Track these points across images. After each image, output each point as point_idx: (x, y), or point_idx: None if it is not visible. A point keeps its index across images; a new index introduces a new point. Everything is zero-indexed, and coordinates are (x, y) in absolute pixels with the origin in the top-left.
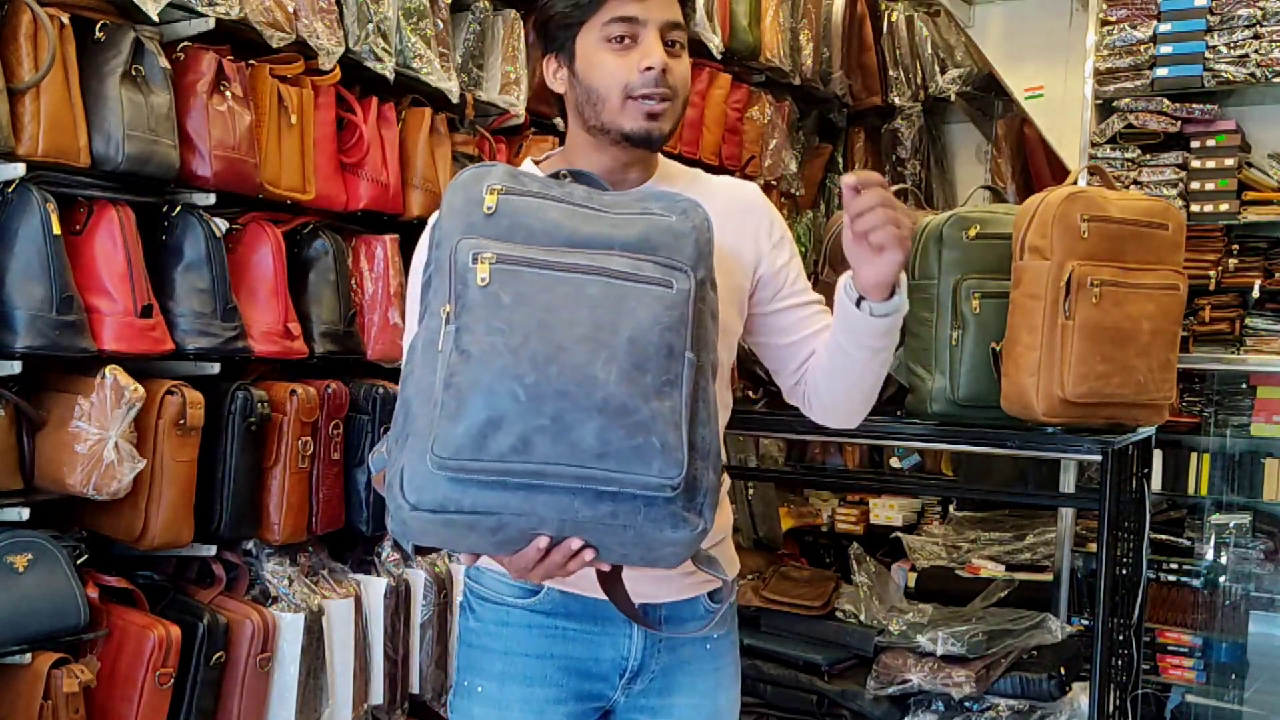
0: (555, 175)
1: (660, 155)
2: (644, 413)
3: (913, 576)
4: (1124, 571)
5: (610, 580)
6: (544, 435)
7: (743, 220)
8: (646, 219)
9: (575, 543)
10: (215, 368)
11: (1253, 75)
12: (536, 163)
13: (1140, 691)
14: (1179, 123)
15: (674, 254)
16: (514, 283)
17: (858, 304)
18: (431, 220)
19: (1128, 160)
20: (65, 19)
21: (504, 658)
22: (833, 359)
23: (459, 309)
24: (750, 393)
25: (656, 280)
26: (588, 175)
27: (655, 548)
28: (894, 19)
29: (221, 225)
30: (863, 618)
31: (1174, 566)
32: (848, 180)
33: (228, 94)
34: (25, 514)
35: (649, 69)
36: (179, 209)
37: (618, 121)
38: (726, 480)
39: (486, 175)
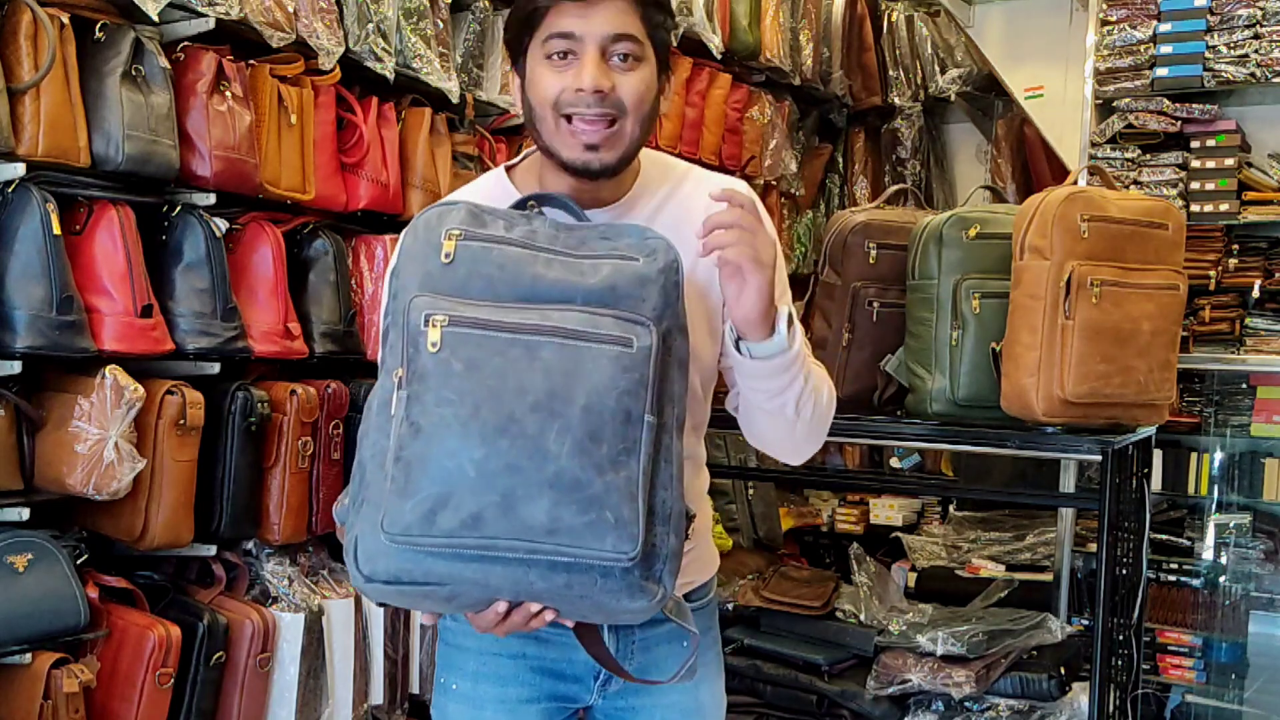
0: (523, 204)
1: (645, 152)
2: (597, 486)
3: (913, 576)
4: (1124, 571)
5: (583, 631)
6: (494, 511)
7: None
8: (612, 264)
9: (534, 606)
10: (215, 368)
11: (1253, 75)
12: (509, 169)
13: (1140, 691)
14: (1179, 123)
15: (637, 306)
16: (465, 347)
17: (736, 345)
18: (391, 264)
19: (1128, 160)
20: (65, 19)
21: (478, 657)
22: (740, 397)
23: (410, 375)
24: None
25: (615, 339)
26: (559, 200)
27: (615, 614)
28: (894, 19)
29: (221, 225)
30: (863, 618)
31: (1174, 566)
32: (713, 192)
33: (228, 94)
34: (25, 514)
35: (580, 90)
36: (179, 209)
37: (556, 147)
38: (706, 477)
39: (447, 217)
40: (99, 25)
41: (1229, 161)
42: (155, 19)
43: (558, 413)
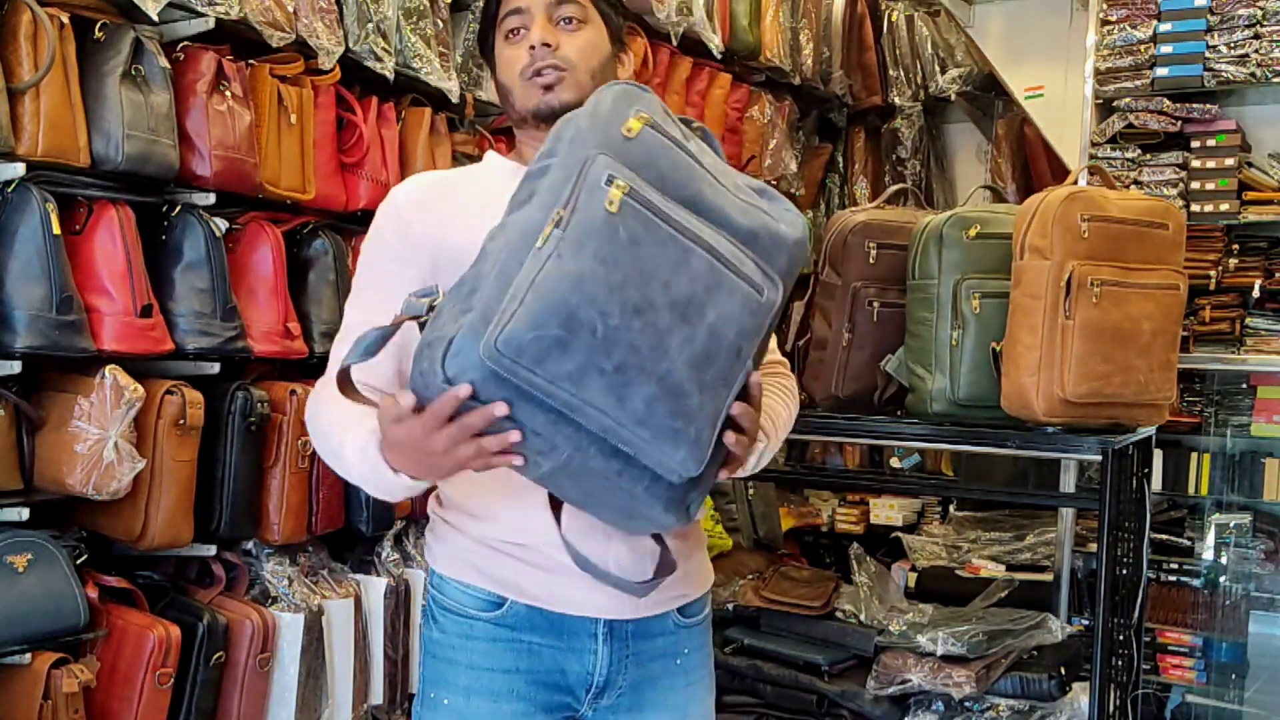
0: (687, 123)
1: None
2: (694, 402)
3: (913, 576)
4: (1124, 571)
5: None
6: (600, 378)
7: None
8: (759, 213)
9: (500, 408)
10: (215, 368)
11: (1253, 75)
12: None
13: (1140, 691)
14: (1179, 122)
15: (772, 261)
16: (635, 222)
17: None
18: (389, 210)
19: (1128, 160)
20: (65, 19)
21: (469, 671)
22: None
23: (573, 220)
24: None
25: (751, 282)
26: (706, 131)
27: (635, 518)
28: (894, 19)
29: (221, 225)
30: (863, 618)
31: (1174, 566)
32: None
33: (228, 94)
34: (25, 514)
35: (531, 48)
36: (179, 209)
37: (525, 104)
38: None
39: (638, 100)
40: (99, 25)
41: (1229, 161)
42: (155, 19)
43: (689, 320)
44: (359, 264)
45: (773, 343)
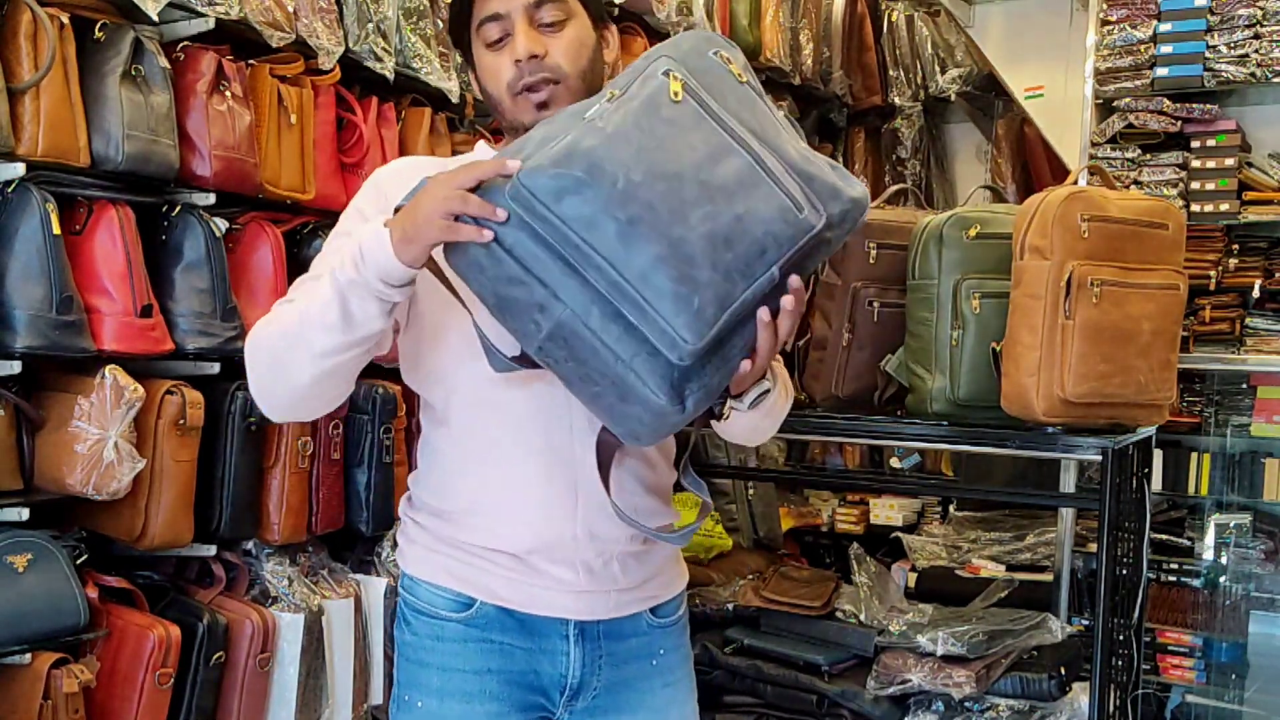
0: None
1: None
2: (704, 275)
3: (913, 576)
4: (1124, 571)
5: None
6: (613, 227)
7: None
8: (819, 166)
9: (513, 164)
10: (215, 368)
11: (1253, 75)
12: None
13: (1140, 691)
14: (1179, 123)
15: (822, 198)
16: (680, 112)
17: (720, 414)
18: (389, 173)
19: (1128, 160)
20: (65, 19)
21: (441, 673)
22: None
23: (623, 98)
24: None
25: (792, 196)
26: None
27: (628, 400)
28: (894, 19)
29: (221, 225)
30: (863, 618)
31: (1174, 566)
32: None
33: (228, 94)
34: (25, 514)
35: (518, 62)
36: (179, 209)
37: (518, 118)
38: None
39: (720, 46)
40: (99, 25)
41: (1229, 161)
42: (155, 19)
43: (715, 201)
44: (342, 218)
45: None
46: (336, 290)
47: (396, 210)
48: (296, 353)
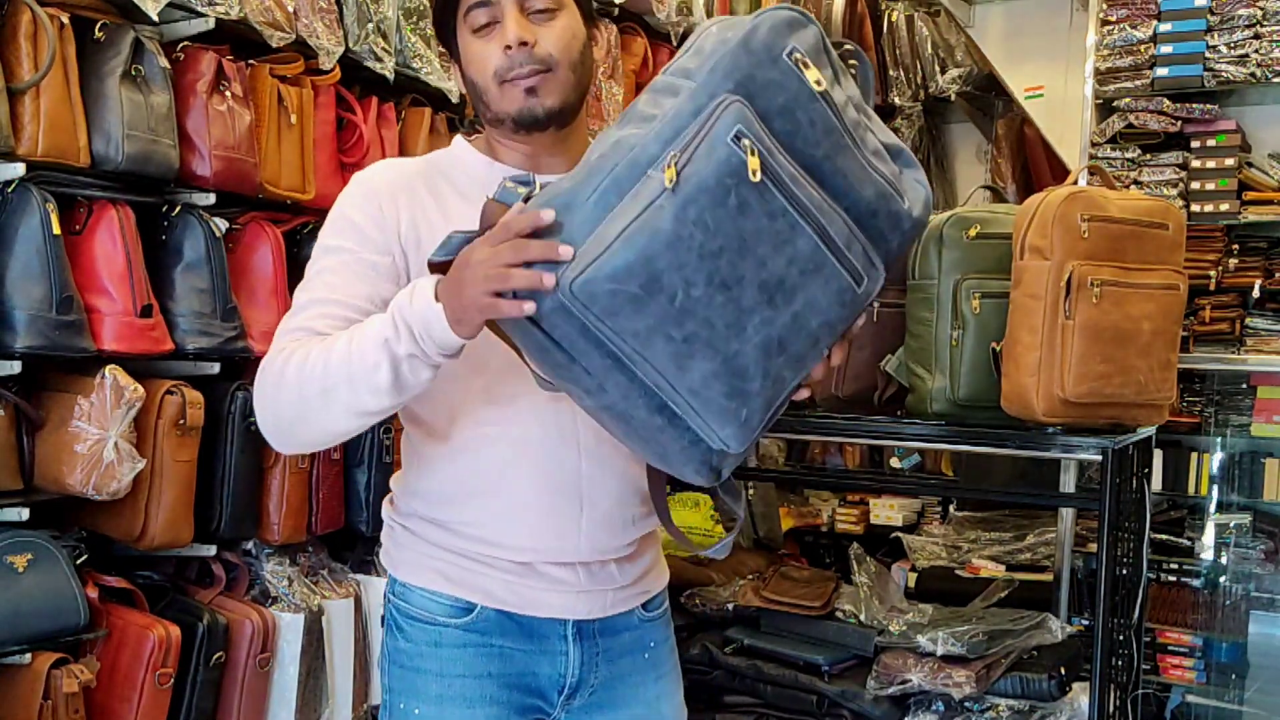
0: (840, 47)
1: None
2: (755, 386)
3: (913, 576)
4: (1124, 571)
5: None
6: (667, 344)
7: None
8: (885, 186)
9: (548, 215)
10: (215, 368)
11: (1253, 75)
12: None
13: (1140, 691)
14: (1179, 123)
15: (880, 244)
16: (750, 189)
17: None
18: (355, 193)
19: (1128, 160)
20: (65, 19)
21: (440, 679)
22: None
23: (687, 170)
24: None
25: (854, 270)
26: (865, 63)
27: (667, 464)
28: (894, 19)
29: (221, 225)
30: (863, 618)
31: (1174, 566)
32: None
33: (228, 94)
34: (25, 514)
35: (507, 48)
36: (179, 209)
37: (504, 108)
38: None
39: (799, 33)
40: (99, 25)
41: (1229, 161)
42: (155, 19)
43: (774, 304)
44: (319, 248)
45: None
46: (390, 358)
47: (431, 266)
48: (335, 408)
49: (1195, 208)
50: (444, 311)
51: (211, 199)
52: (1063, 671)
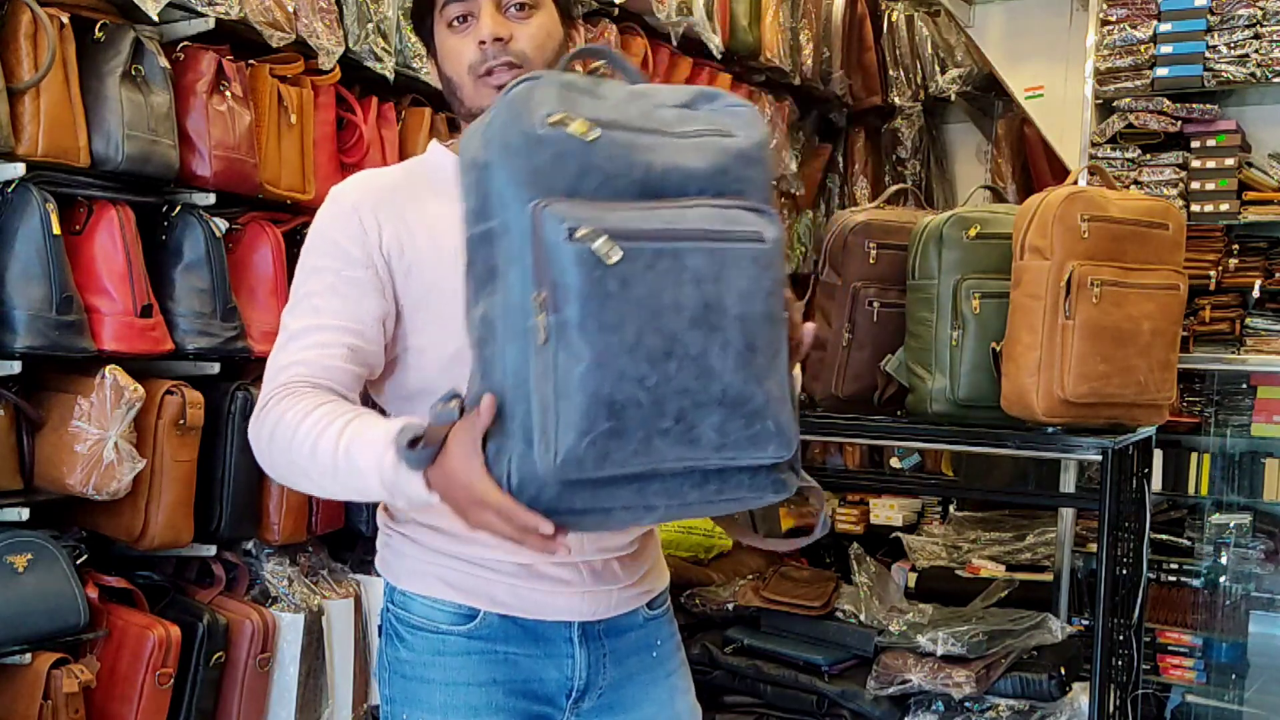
0: (592, 70)
1: None
2: (759, 398)
3: (913, 576)
4: (1124, 571)
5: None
6: (666, 437)
7: None
8: (714, 142)
9: (548, 527)
10: (215, 368)
11: (1253, 75)
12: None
13: (1140, 691)
14: (1179, 123)
15: (751, 189)
16: (617, 266)
17: None
18: (331, 211)
19: (1128, 160)
20: (65, 19)
21: (445, 688)
22: None
23: (558, 299)
24: None
25: (750, 235)
26: (604, 51)
27: (749, 506)
28: (894, 19)
29: (221, 225)
30: (863, 618)
31: (1174, 566)
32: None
33: (228, 94)
34: (25, 514)
35: (482, 43)
36: (179, 209)
37: (477, 103)
38: None
39: (540, 98)
40: (99, 25)
41: (1229, 161)
42: (155, 19)
43: (715, 326)
44: (302, 269)
45: None
46: (382, 484)
47: (411, 442)
48: (326, 482)
49: (1195, 208)
50: (441, 500)
51: (211, 199)
52: (1063, 671)
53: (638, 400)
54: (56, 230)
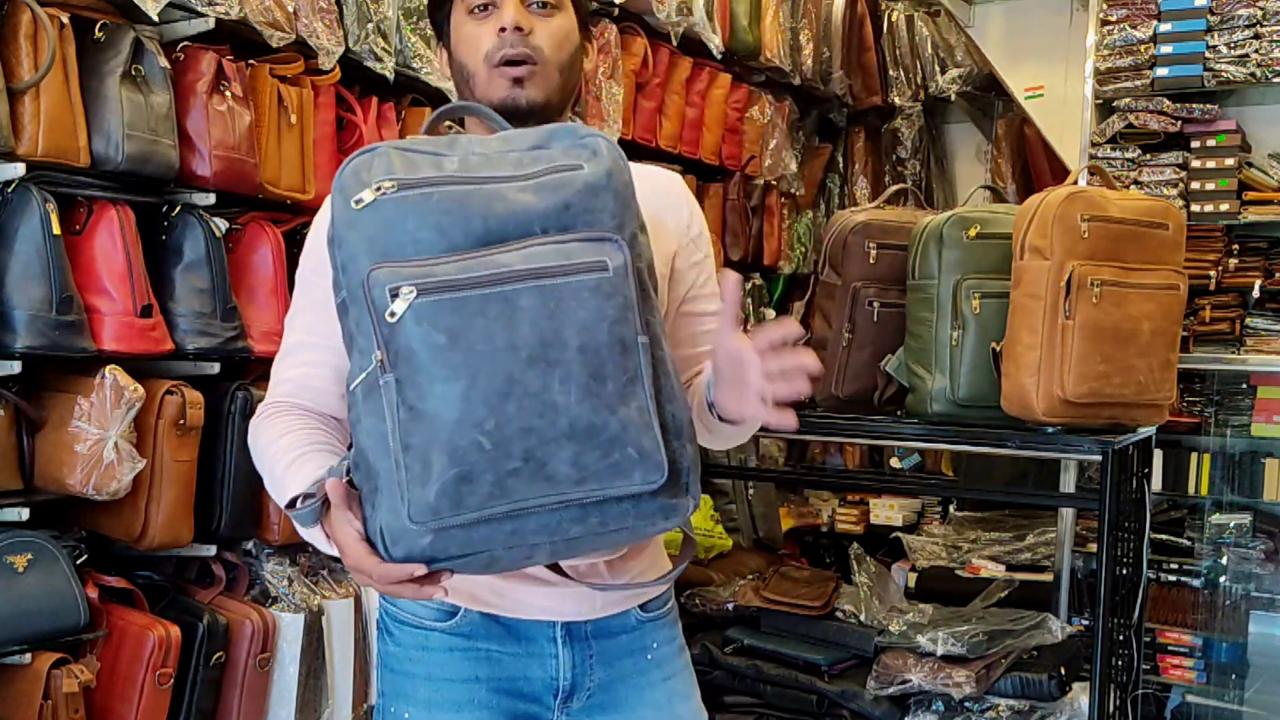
0: (437, 123)
1: None
2: (613, 426)
3: (913, 576)
4: (1124, 571)
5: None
6: (518, 477)
7: (662, 211)
8: (557, 178)
9: (419, 569)
10: (215, 368)
11: (1253, 75)
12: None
13: (1140, 691)
14: (1179, 123)
15: (598, 219)
16: (443, 316)
17: (710, 406)
18: (327, 231)
19: (1128, 160)
20: (65, 19)
21: (428, 683)
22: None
23: (392, 357)
24: None
25: (589, 266)
26: (475, 109)
27: (651, 535)
28: (894, 19)
29: (221, 225)
30: (863, 618)
31: (1174, 566)
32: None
33: (228, 94)
34: (25, 514)
35: (502, 30)
36: (179, 209)
37: (488, 94)
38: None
39: (373, 168)
40: (99, 25)
41: (1229, 161)
42: (155, 19)
43: (555, 361)
44: (299, 277)
45: None
46: (298, 514)
47: (304, 499)
48: (273, 490)
49: (1195, 208)
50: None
51: (211, 199)
52: (1063, 671)
53: (480, 444)
54: (56, 230)
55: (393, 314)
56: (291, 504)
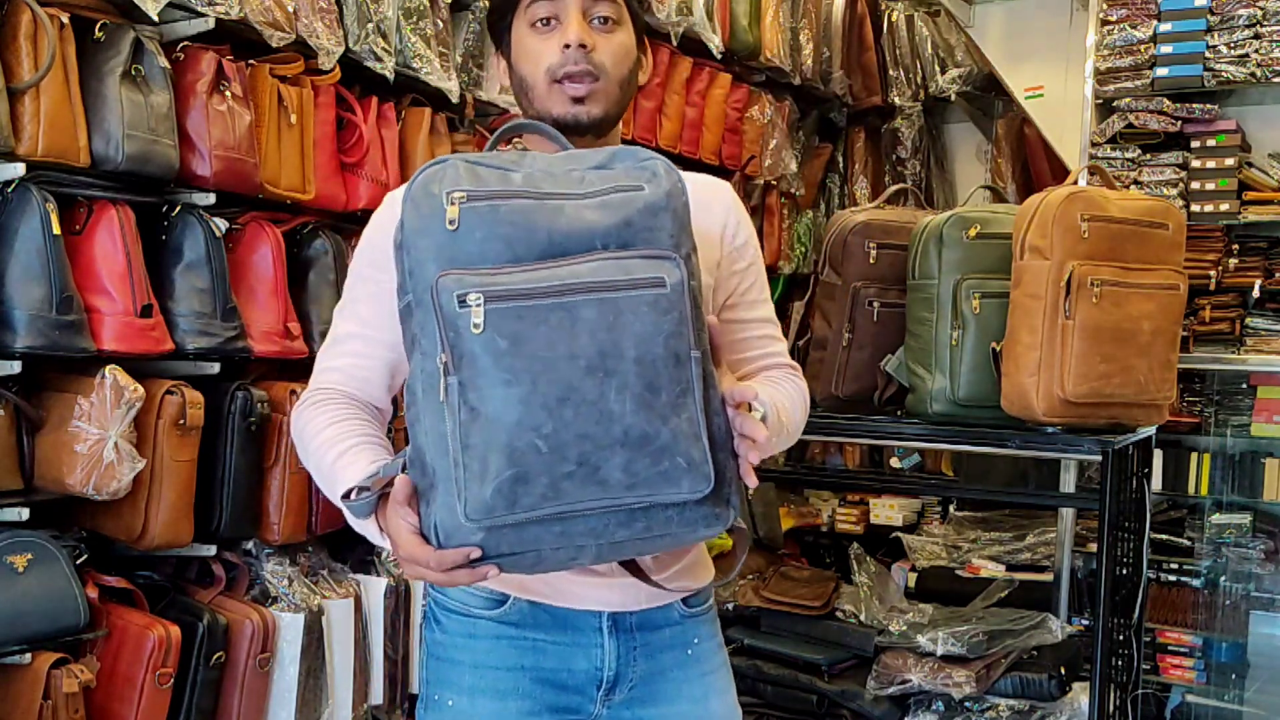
0: (503, 139)
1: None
2: (665, 436)
3: (913, 576)
4: (1124, 571)
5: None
6: (572, 480)
7: (707, 219)
8: (620, 197)
9: (475, 551)
10: (215, 368)
11: (1253, 75)
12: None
13: (1140, 691)
14: (1179, 122)
15: (657, 237)
16: (507, 323)
17: None
18: (380, 217)
19: (1128, 160)
20: (65, 19)
21: (473, 671)
22: None
23: (456, 360)
24: None
25: (648, 282)
26: (539, 127)
27: (691, 542)
28: (894, 19)
29: (221, 225)
30: (863, 618)
31: (1174, 566)
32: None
33: (228, 94)
34: (25, 514)
35: (566, 46)
36: (179, 209)
37: (547, 107)
38: None
39: (443, 178)
40: (99, 25)
41: (1229, 161)
42: (155, 19)
43: (612, 371)
44: (352, 272)
45: (781, 346)
46: (352, 521)
47: (359, 491)
48: (320, 477)
49: (1195, 208)
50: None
51: (211, 199)
52: (1063, 671)
53: (537, 447)
54: (56, 230)
55: (460, 319)
56: (344, 495)
